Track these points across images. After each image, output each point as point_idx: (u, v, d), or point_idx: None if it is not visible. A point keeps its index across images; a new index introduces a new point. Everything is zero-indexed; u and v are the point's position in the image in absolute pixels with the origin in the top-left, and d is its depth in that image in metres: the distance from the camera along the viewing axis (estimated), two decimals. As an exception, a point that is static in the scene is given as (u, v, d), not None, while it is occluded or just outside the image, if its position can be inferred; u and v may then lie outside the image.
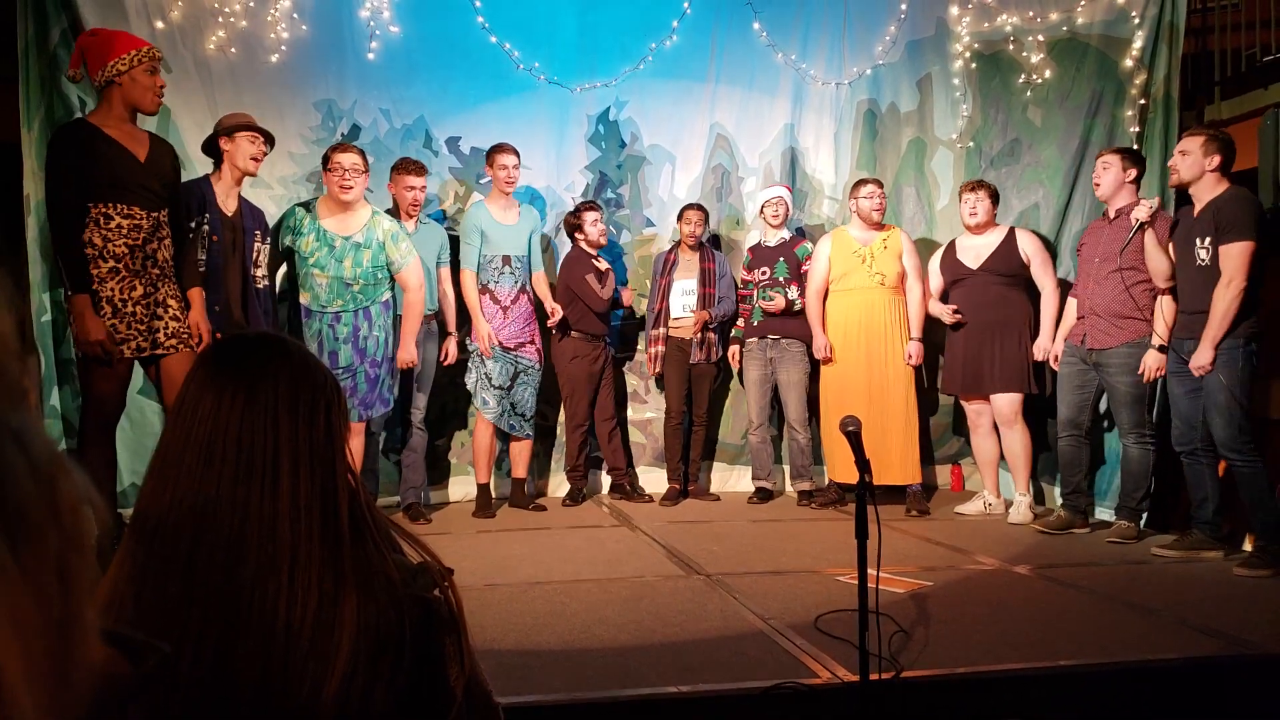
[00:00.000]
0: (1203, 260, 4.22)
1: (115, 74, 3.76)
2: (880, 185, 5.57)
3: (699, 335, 5.65)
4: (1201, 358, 4.13)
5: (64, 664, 0.44)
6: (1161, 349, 4.52)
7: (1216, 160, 4.24)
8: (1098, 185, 4.88)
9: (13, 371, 0.46)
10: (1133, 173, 4.83)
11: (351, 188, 4.65)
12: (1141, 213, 4.48)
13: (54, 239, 3.79)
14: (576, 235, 5.57)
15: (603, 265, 5.53)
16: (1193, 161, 4.28)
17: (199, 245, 4.17)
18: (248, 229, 4.36)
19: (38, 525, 0.43)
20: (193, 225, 4.17)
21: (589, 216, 5.53)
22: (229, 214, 4.29)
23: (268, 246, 4.53)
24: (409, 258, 4.80)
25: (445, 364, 5.28)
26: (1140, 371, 4.59)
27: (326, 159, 4.72)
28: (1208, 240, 4.20)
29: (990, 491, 5.37)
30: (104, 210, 3.73)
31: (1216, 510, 4.34)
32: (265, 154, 4.44)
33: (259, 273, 4.41)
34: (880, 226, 5.52)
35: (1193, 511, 4.45)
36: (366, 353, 4.75)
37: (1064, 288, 5.23)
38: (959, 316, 5.23)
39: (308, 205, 4.81)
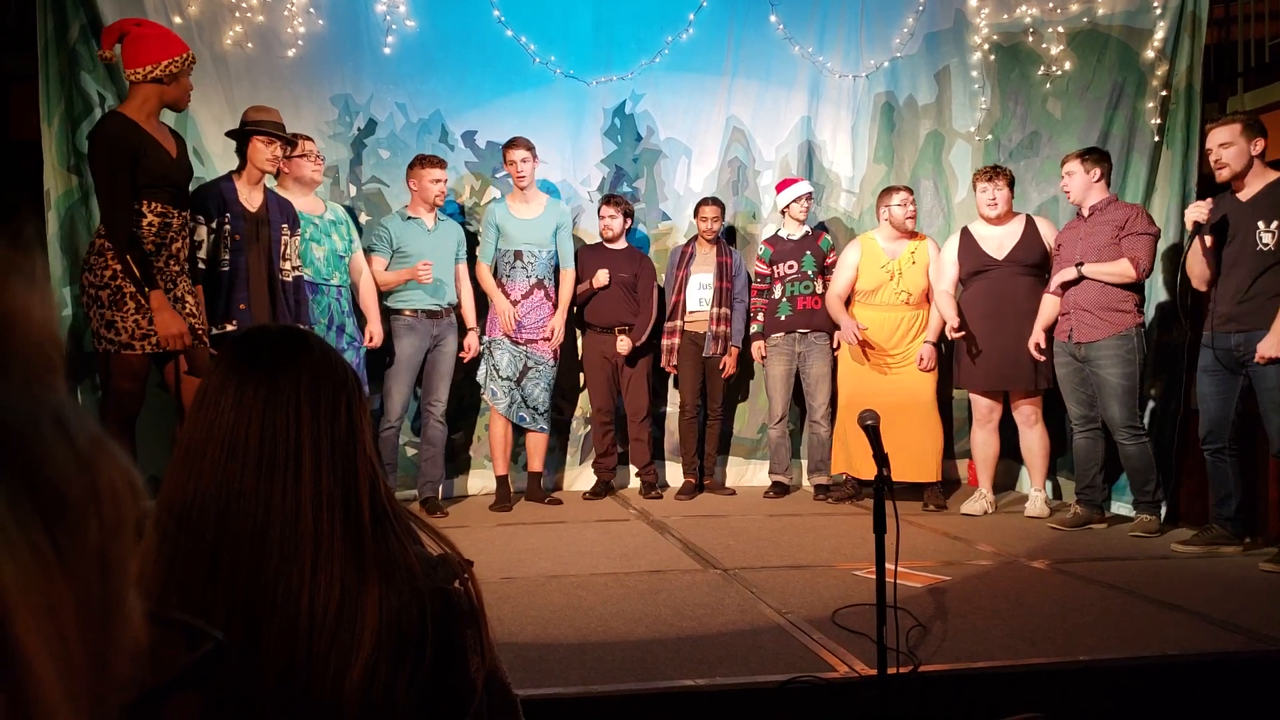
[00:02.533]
0: (1266, 245, 4.08)
1: (166, 74, 3.81)
2: (911, 192, 5.46)
3: (715, 329, 5.64)
4: (1276, 348, 3.97)
5: (102, 651, 0.44)
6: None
7: (1261, 144, 4.16)
8: (1067, 192, 4.83)
9: (50, 354, 0.46)
10: (1096, 171, 4.78)
11: (320, 170, 4.92)
12: (1200, 214, 4.23)
13: (116, 237, 3.72)
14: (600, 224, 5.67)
15: (600, 279, 5.48)
16: (1238, 151, 4.16)
17: (221, 246, 4.20)
18: (273, 223, 4.37)
19: (78, 511, 0.43)
20: (213, 226, 4.20)
21: (603, 210, 5.60)
22: (252, 210, 4.31)
23: (297, 239, 4.54)
24: (361, 242, 5.08)
25: (466, 359, 5.30)
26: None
27: (292, 145, 4.67)
28: (1274, 225, 4.07)
29: (987, 489, 5.27)
30: (138, 208, 3.77)
31: (1238, 507, 4.30)
32: (281, 156, 4.43)
33: (286, 265, 4.42)
34: (910, 235, 5.43)
35: (1214, 507, 4.41)
36: (345, 335, 4.86)
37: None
38: (961, 335, 5.09)
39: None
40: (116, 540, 0.45)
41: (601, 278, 5.48)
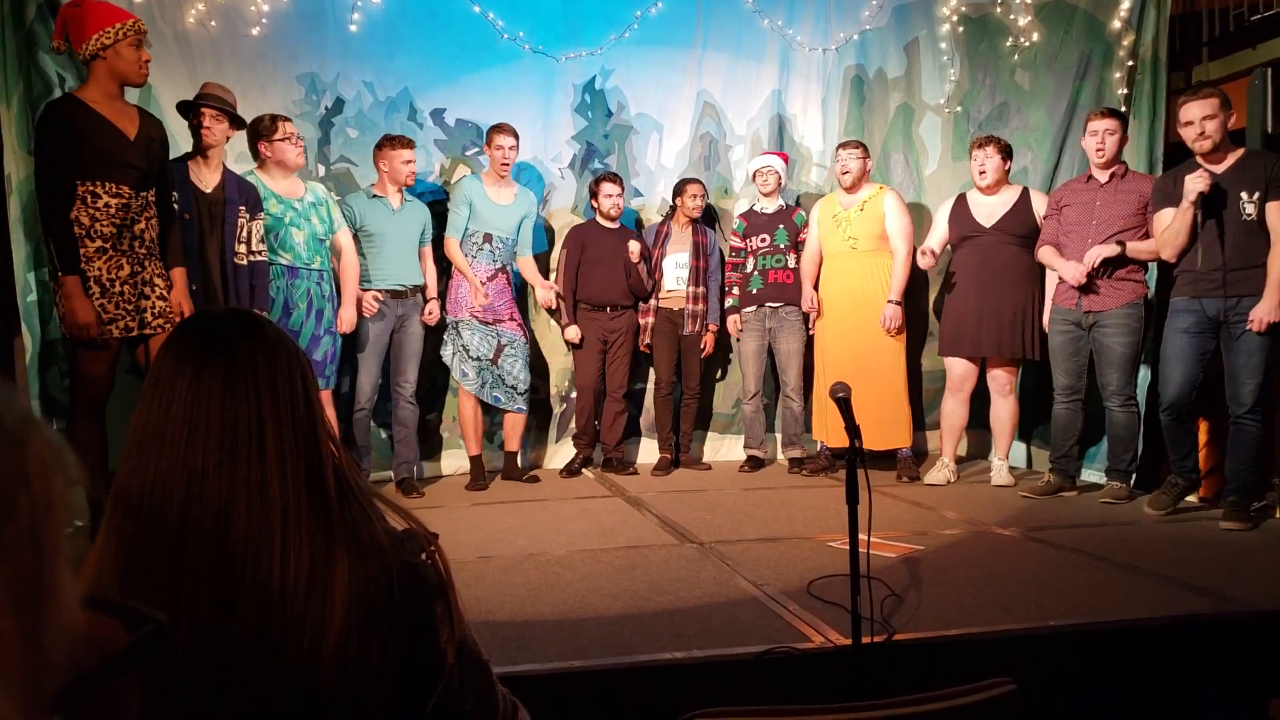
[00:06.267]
0: (1249, 215, 4.19)
1: (100, 48, 3.71)
2: (858, 147, 5.48)
3: (692, 308, 5.65)
4: (1272, 313, 4.07)
5: (34, 630, 0.43)
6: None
7: (1233, 117, 4.28)
8: (1100, 152, 4.73)
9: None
10: (1125, 137, 4.83)
11: (301, 152, 4.80)
12: (1204, 185, 4.21)
13: (43, 219, 3.71)
14: (593, 204, 5.64)
15: (635, 250, 5.49)
16: (1220, 123, 4.24)
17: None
18: (229, 204, 4.31)
19: (6, 487, 0.42)
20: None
21: (604, 188, 5.57)
22: (206, 190, 4.25)
23: (258, 222, 4.48)
24: (344, 221, 4.99)
25: (429, 322, 5.22)
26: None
27: (273, 128, 4.64)
28: (1256, 195, 4.17)
29: (950, 458, 5.31)
30: (91, 189, 3.68)
31: (1188, 456, 4.45)
32: (222, 127, 4.34)
33: (241, 249, 4.37)
34: (855, 188, 5.47)
35: (1176, 463, 4.49)
36: (324, 320, 4.82)
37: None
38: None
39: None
40: (47, 517, 0.44)
41: (635, 248, 5.49)
